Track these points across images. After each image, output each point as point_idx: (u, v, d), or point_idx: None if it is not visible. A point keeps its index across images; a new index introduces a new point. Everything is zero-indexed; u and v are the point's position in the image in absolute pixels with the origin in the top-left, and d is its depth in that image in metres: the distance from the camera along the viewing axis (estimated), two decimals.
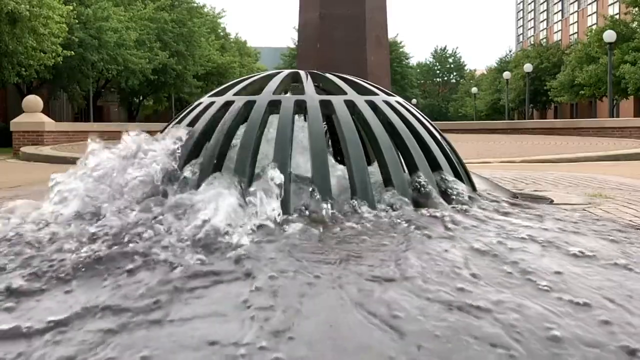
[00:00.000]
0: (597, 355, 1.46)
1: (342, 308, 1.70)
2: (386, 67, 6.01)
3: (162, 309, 1.71)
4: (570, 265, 2.11)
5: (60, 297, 1.84)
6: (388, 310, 1.66)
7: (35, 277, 1.99)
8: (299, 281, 1.93)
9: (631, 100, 40.24)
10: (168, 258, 2.10)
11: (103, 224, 2.45)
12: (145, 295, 1.81)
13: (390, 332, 1.54)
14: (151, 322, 1.63)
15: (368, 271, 2.02)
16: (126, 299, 1.79)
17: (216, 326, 1.61)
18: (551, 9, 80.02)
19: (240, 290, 1.85)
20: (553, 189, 4.91)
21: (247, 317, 1.64)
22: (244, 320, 1.63)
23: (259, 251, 2.22)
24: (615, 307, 1.75)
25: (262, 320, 1.61)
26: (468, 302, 1.72)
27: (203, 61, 37.14)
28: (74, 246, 2.24)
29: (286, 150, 2.92)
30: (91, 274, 2.01)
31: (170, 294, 1.81)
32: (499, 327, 1.57)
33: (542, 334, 1.54)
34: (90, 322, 1.64)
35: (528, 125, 24.54)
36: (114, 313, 1.69)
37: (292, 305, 1.72)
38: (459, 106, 70.18)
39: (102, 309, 1.72)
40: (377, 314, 1.64)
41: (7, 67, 21.32)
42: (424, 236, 2.48)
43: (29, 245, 2.28)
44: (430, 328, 1.56)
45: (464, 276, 1.96)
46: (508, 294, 1.80)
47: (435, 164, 3.22)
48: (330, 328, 1.58)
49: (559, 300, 1.78)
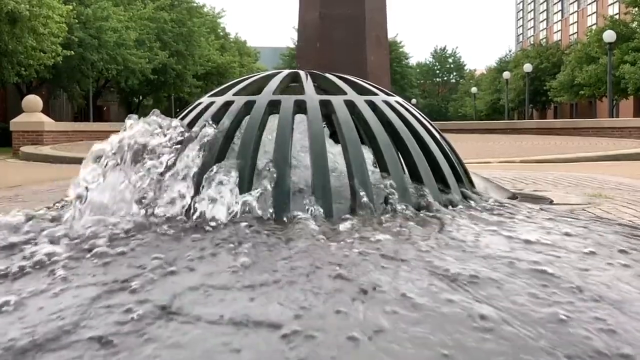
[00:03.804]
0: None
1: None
2: (386, 67, 6.01)
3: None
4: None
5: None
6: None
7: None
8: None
9: (631, 100, 40.29)
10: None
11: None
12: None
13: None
14: None
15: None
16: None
17: None
18: (551, 8, 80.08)
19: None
20: (553, 189, 4.92)
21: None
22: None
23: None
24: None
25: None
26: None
27: (203, 61, 37.16)
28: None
29: (286, 151, 2.92)
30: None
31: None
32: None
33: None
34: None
35: (528, 125, 24.56)
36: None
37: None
38: (458, 106, 70.24)
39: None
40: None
41: (6, 66, 21.34)
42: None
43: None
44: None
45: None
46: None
47: (435, 164, 3.22)
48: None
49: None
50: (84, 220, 2.42)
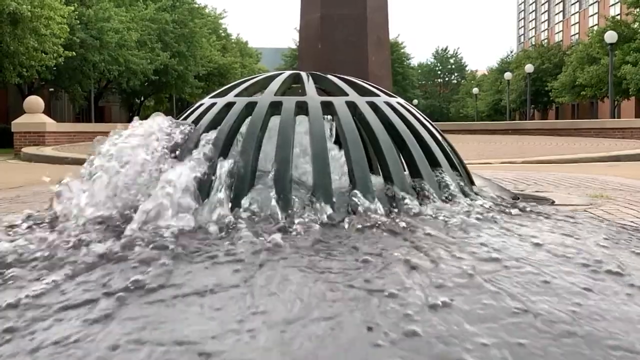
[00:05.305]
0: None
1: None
2: (387, 67, 6.01)
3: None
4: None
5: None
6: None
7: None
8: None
9: (632, 101, 40.25)
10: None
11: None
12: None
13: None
14: None
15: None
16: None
17: None
18: (552, 9, 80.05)
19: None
20: (554, 190, 4.91)
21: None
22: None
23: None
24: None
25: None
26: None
27: (204, 62, 37.15)
28: None
29: (287, 152, 2.93)
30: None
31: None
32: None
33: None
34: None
35: (529, 126, 24.55)
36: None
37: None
38: (460, 107, 70.17)
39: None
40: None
41: (8, 67, 21.36)
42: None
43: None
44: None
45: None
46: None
47: (436, 164, 3.23)
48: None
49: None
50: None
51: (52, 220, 2.72)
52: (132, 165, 2.80)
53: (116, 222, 2.57)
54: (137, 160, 2.81)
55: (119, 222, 2.56)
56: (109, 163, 2.82)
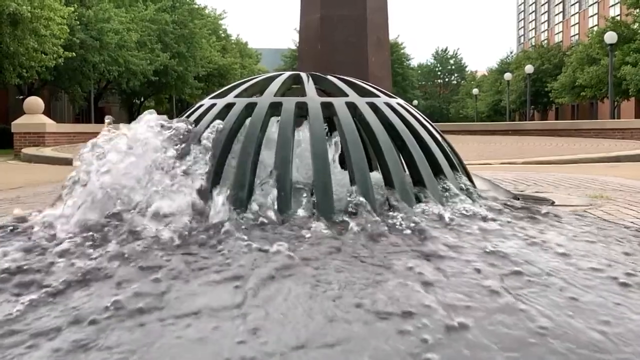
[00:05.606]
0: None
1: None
2: (387, 68, 6.00)
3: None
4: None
5: None
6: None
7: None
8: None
9: (632, 101, 40.28)
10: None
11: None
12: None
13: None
14: None
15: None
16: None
17: None
18: (552, 10, 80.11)
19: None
20: (554, 191, 4.92)
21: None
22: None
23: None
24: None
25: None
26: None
27: (204, 62, 37.16)
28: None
29: (287, 153, 2.92)
30: None
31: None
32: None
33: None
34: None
35: (529, 127, 24.56)
36: None
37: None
38: (460, 107, 70.19)
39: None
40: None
41: (8, 68, 21.36)
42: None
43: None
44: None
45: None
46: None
47: (436, 165, 3.23)
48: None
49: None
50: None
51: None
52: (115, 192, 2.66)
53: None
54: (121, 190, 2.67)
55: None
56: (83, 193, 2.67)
